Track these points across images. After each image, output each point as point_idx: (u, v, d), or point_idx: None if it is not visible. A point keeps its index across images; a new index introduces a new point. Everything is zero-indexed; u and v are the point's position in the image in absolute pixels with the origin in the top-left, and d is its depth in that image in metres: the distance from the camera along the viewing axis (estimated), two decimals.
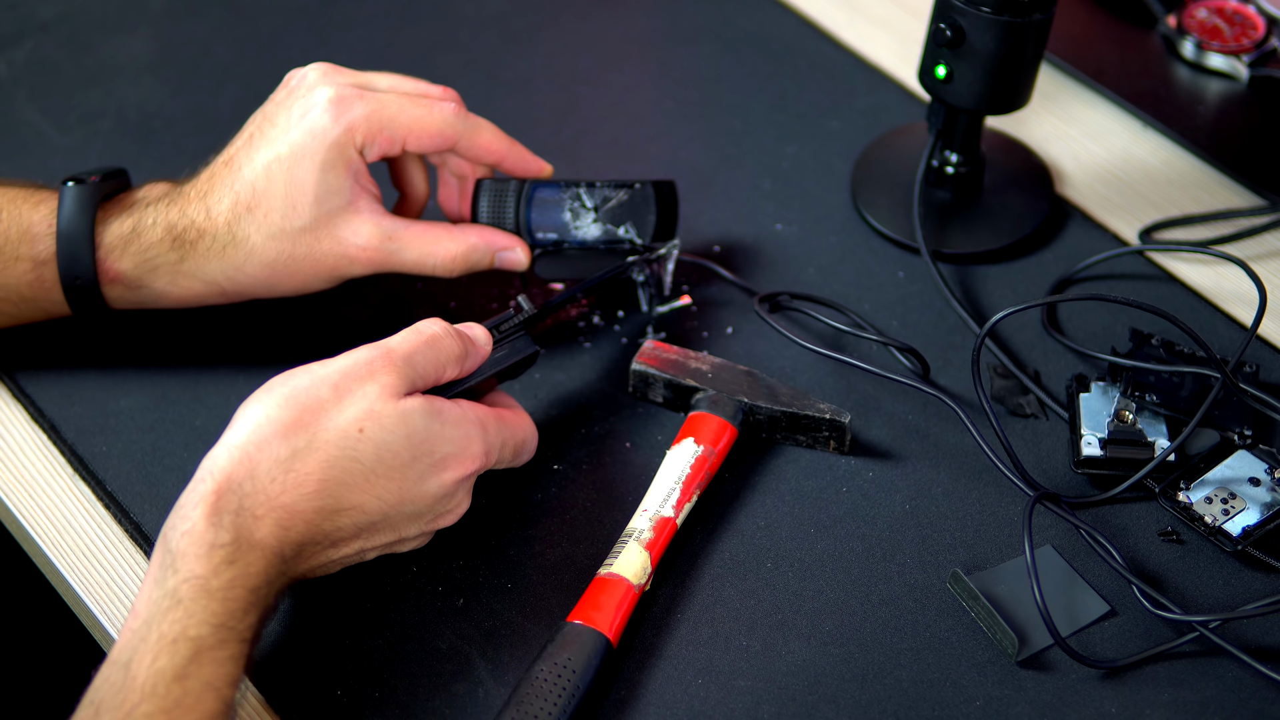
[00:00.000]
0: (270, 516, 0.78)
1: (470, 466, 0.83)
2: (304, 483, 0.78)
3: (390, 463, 0.80)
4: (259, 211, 0.91)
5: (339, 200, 0.91)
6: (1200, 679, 0.82)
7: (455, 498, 0.84)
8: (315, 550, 0.80)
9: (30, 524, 0.91)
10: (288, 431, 0.79)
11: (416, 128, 0.92)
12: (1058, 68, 1.14)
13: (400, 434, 0.80)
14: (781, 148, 1.10)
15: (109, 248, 0.91)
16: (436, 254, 0.94)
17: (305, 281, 0.93)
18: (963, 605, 0.85)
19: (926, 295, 1.00)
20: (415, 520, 0.83)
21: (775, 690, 0.82)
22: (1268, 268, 1.03)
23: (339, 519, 0.80)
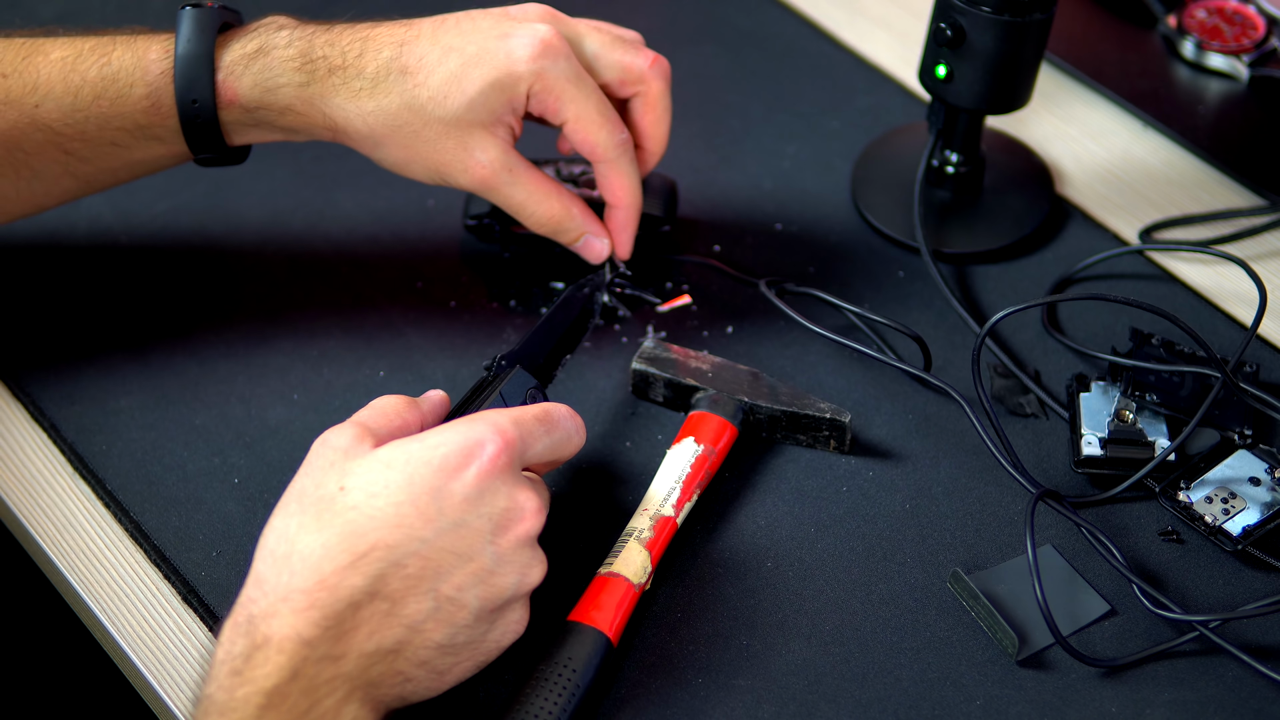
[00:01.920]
0: (282, 607, 0.72)
1: (495, 458, 0.76)
2: (309, 553, 0.73)
3: (396, 496, 0.74)
4: (411, 79, 0.89)
5: (485, 116, 0.90)
6: (1200, 678, 0.82)
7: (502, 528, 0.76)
8: (355, 627, 0.72)
9: (30, 524, 0.91)
10: (283, 522, 0.75)
11: (580, 124, 0.92)
12: (1058, 68, 1.14)
13: (387, 475, 0.75)
14: (781, 148, 1.10)
15: (229, 68, 0.90)
16: (540, 206, 0.93)
17: (411, 159, 0.92)
18: (963, 605, 0.85)
19: (926, 295, 1.00)
20: (465, 562, 0.75)
21: (775, 690, 0.82)
22: (1268, 268, 1.03)
23: (363, 567, 0.73)
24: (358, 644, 0.72)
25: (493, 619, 0.77)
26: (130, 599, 0.87)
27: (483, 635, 0.77)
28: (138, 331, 0.99)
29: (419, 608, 0.74)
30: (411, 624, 0.74)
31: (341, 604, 0.72)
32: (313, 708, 0.71)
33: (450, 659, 0.76)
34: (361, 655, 0.72)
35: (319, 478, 0.76)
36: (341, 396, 0.95)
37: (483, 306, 1.00)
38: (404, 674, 0.74)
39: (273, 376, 0.97)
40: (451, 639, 0.75)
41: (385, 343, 0.98)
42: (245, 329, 0.99)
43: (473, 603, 0.75)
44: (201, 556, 0.88)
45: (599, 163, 0.94)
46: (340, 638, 0.72)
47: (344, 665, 0.72)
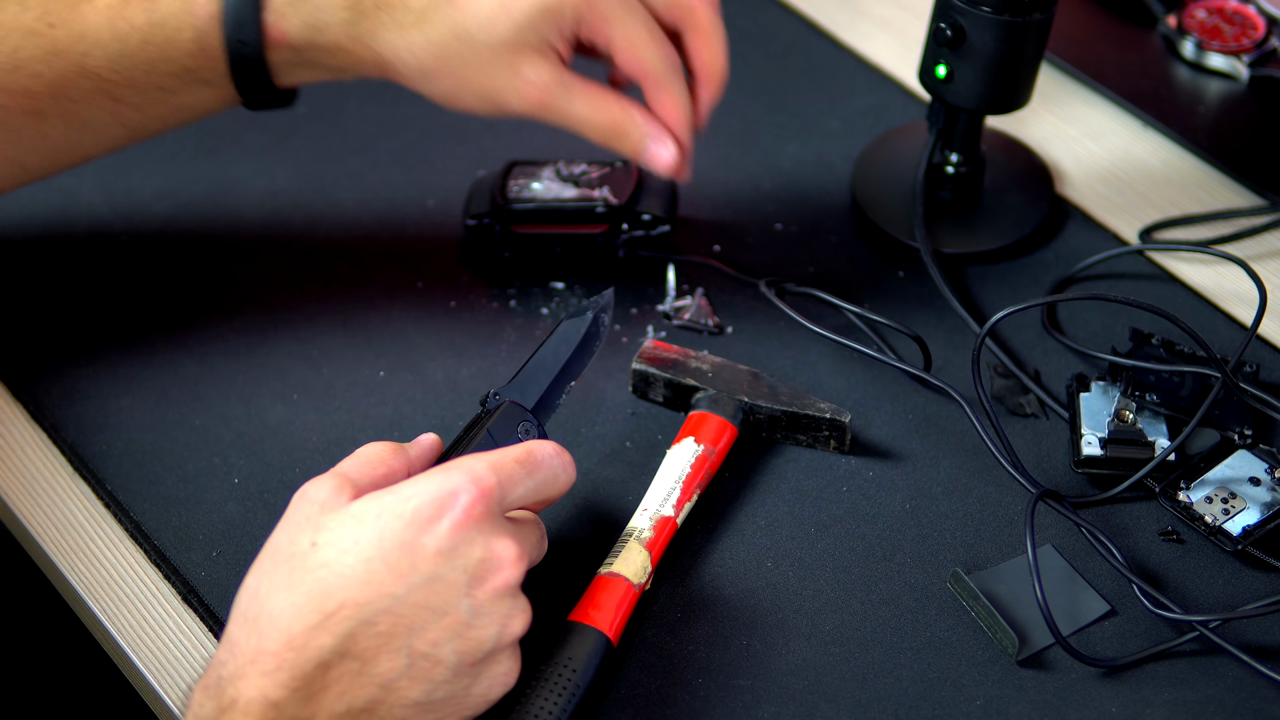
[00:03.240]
0: (250, 669, 0.71)
1: (469, 509, 0.74)
2: (277, 613, 0.72)
3: (366, 553, 0.73)
4: (458, 9, 0.89)
5: (534, 40, 0.89)
6: (1200, 678, 0.82)
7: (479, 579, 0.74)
8: (325, 687, 0.71)
9: (30, 524, 0.91)
10: (255, 580, 0.74)
11: (628, 45, 0.91)
12: (1058, 68, 1.14)
13: (358, 530, 0.73)
14: (781, 148, 1.10)
15: (277, 9, 0.89)
16: (602, 113, 0.92)
17: (462, 88, 0.91)
18: (963, 605, 0.85)
19: (926, 295, 1.00)
20: (439, 617, 0.73)
21: (775, 690, 0.82)
22: (1268, 268, 1.03)
23: (332, 626, 0.71)
24: (327, 704, 0.71)
25: (475, 672, 0.74)
26: (130, 599, 0.87)
27: (465, 689, 0.74)
28: (138, 331, 0.99)
29: (391, 665, 0.72)
30: (384, 683, 0.72)
31: (310, 664, 0.71)
32: None
33: (431, 716, 0.74)
34: (332, 716, 0.71)
35: (293, 533, 0.74)
36: (341, 397, 0.95)
37: (483, 306, 1.00)
38: None
39: (273, 376, 0.97)
40: (429, 695, 0.73)
41: (385, 343, 0.98)
42: (245, 329, 0.99)
43: (449, 658, 0.73)
44: (201, 556, 0.88)
45: (650, 84, 0.92)
46: (309, 699, 0.71)
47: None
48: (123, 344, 0.98)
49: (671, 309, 0.99)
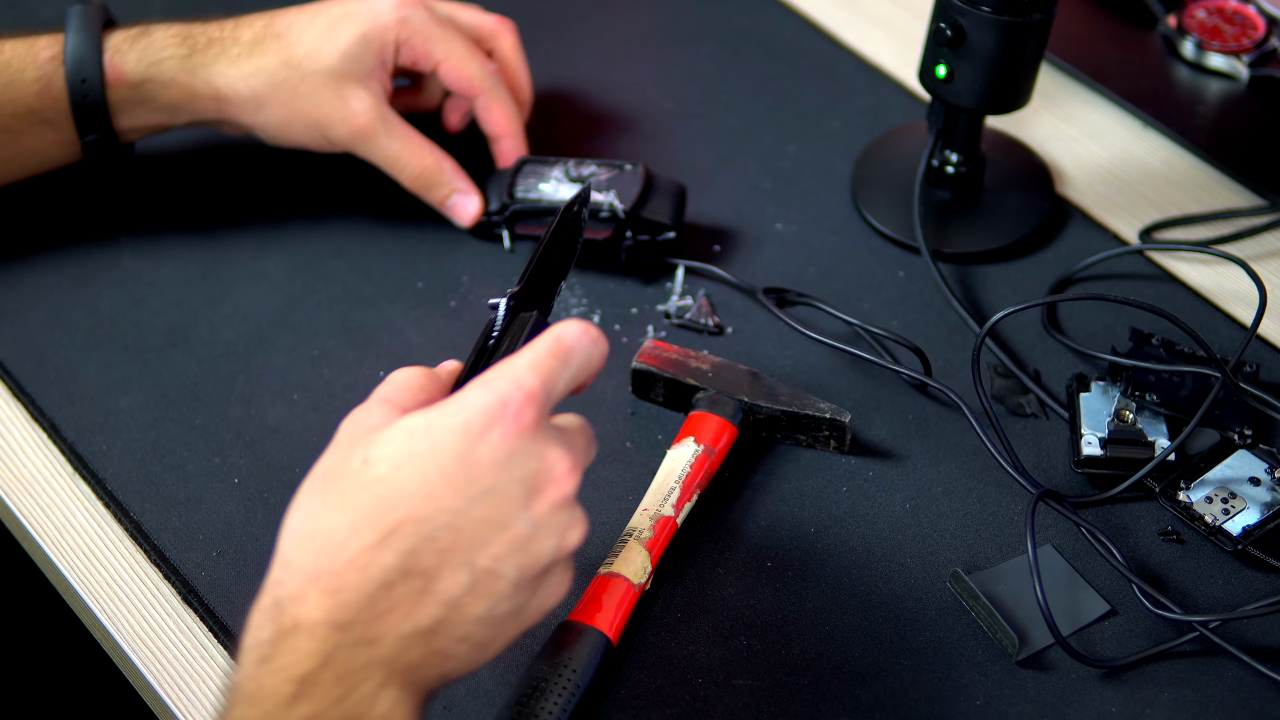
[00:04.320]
0: (311, 589, 0.68)
1: (520, 416, 0.71)
2: (335, 531, 0.69)
3: (422, 467, 0.70)
4: (286, 40, 0.97)
5: (358, 69, 0.97)
6: (1200, 678, 0.82)
7: (536, 491, 0.71)
8: (390, 608, 0.68)
9: (30, 524, 0.91)
10: (308, 501, 0.72)
11: (451, 62, 1.00)
12: (1058, 68, 1.14)
13: (412, 445, 0.71)
14: (781, 148, 1.10)
15: (115, 48, 0.96)
16: (414, 157, 1.00)
17: (292, 117, 0.98)
18: (963, 605, 0.85)
19: (926, 295, 1.00)
20: (499, 531, 0.70)
21: (775, 690, 0.82)
22: (1268, 268, 1.03)
23: (393, 543, 0.69)
24: (393, 626, 0.68)
25: (534, 586, 0.72)
26: (130, 599, 0.87)
27: (524, 604, 0.72)
28: (138, 331, 0.99)
29: (455, 582, 0.69)
30: (448, 600, 0.69)
31: (373, 584, 0.68)
32: (347, 695, 0.67)
33: (492, 631, 0.71)
34: (398, 638, 0.68)
35: (344, 453, 0.72)
36: (341, 396, 0.95)
37: (483, 306, 1.00)
38: (444, 652, 0.70)
39: (273, 376, 0.97)
40: (491, 611, 0.70)
41: (385, 343, 0.98)
42: (245, 329, 0.99)
43: (511, 572, 0.70)
44: (201, 556, 0.88)
45: (477, 95, 1.01)
46: (374, 620, 0.68)
47: (379, 649, 0.68)
48: (123, 344, 0.98)
49: (674, 309, 0.99)
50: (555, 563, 0.72)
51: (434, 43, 0.99)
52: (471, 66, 1.00)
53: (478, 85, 1.01)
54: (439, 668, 0.70)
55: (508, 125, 1.03)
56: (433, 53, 0.99)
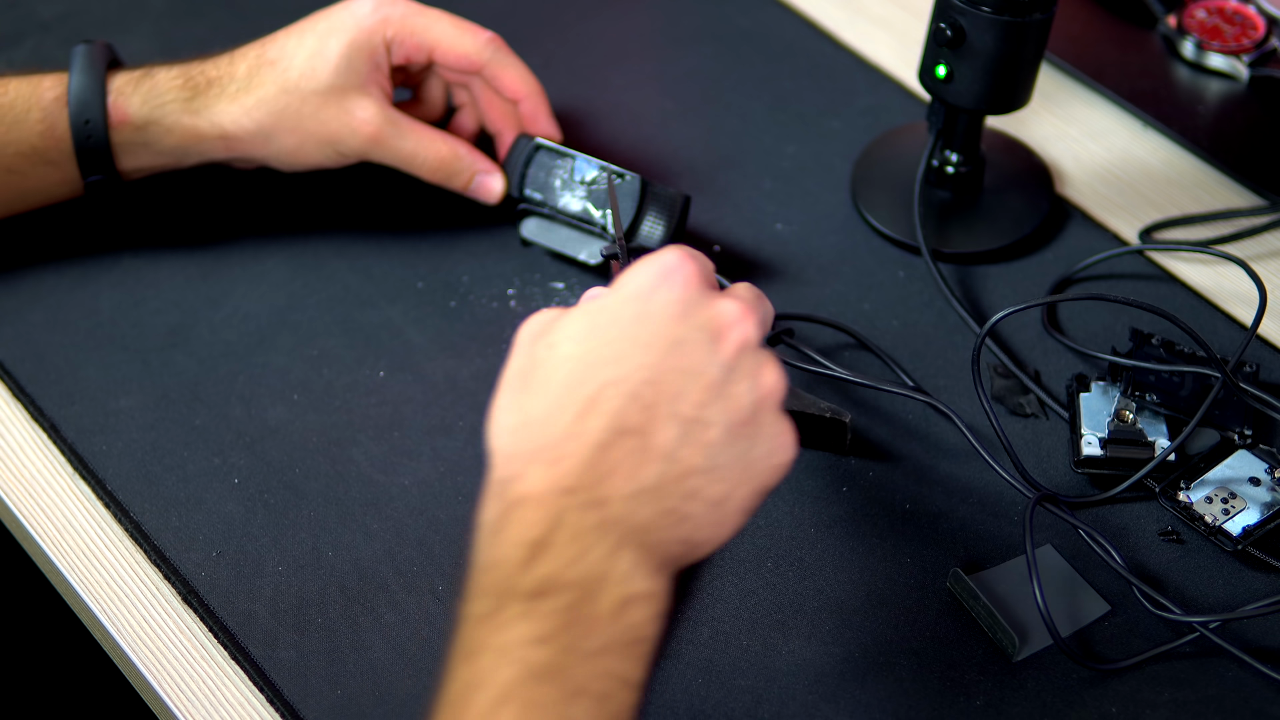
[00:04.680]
0: (531, 467, 0.69)
1: (687, 272, 0.72)
2: (542, 414, 0.70)
3: (606, 335, 0.71)
4: (279, 66, 0.97)
5: (355, 79, 0.97)
6: (1200, 679, 0.82)
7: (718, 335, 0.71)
8: (611, 470, 0.68)
9: (30, 524, 0.91)
10: (508, 399, 0.72)
11: (445, 42, 0.99)
12: (1058, 68, 1.14)
13: (590, 319, 0.72)
14: (781, 148, 1.10)
15: (119, 90, 0.97)
16: (430, 150, 0.99)
17: (303, 140, 0.98)
18: (963, 605, 0.85)
19: (926, 295, 1.00)
20: (695, 378, 0.70)
21: (775, 690, 0.82)
22: (1268, 268, 1.03)
23: (600, 408, 0.69)
24: (618, 487, 0.68)
25: (747, 434, 0.71)
26: (130, 599, 0.87)
27: (745, 454, 0.71)
28: (138, 331, 0.99)
29: (667, 435, 0.69)
30: (665, 454, 0.69)
31: (590, 449, 0.68)
32: (582, 555, 0.67)
33: (720, 485, 0.70)
34: (624, 498, 0.68)
35: (525, 352, 0.73)
36: (341, 396, 0.95)
37: (483, 306, 1.00)
38: (677, 512, 0.69)
39: (273, 376, 0.97)
40: (712, 462, 0.70)
41: (385, 343, 0.98)
42: (245, 329, 0.99)
43: (717, 418, 0.70)
44: (201, 557, 0.88)
45: (481, 69, 1.00)
46: (598, 482, 0.68)
47: (608, 510, 0.68)
48: (123, 344, 0.98)
49: None
50: (759, 409, 0.71)
51: (421, 31, 0.99)
52: (465, 41, 1.00)
53: (477, 58, 1.00)
54: (676, 530, 0.69)
55: (523, 86, 1.01)
56: (423, 41, 0.99)
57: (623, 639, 0.67)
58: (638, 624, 0.67)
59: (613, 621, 0.66)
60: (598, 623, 0.66)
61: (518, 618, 0.66)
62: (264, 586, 0.87)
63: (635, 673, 0.67)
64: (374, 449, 0.93)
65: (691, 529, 0.69)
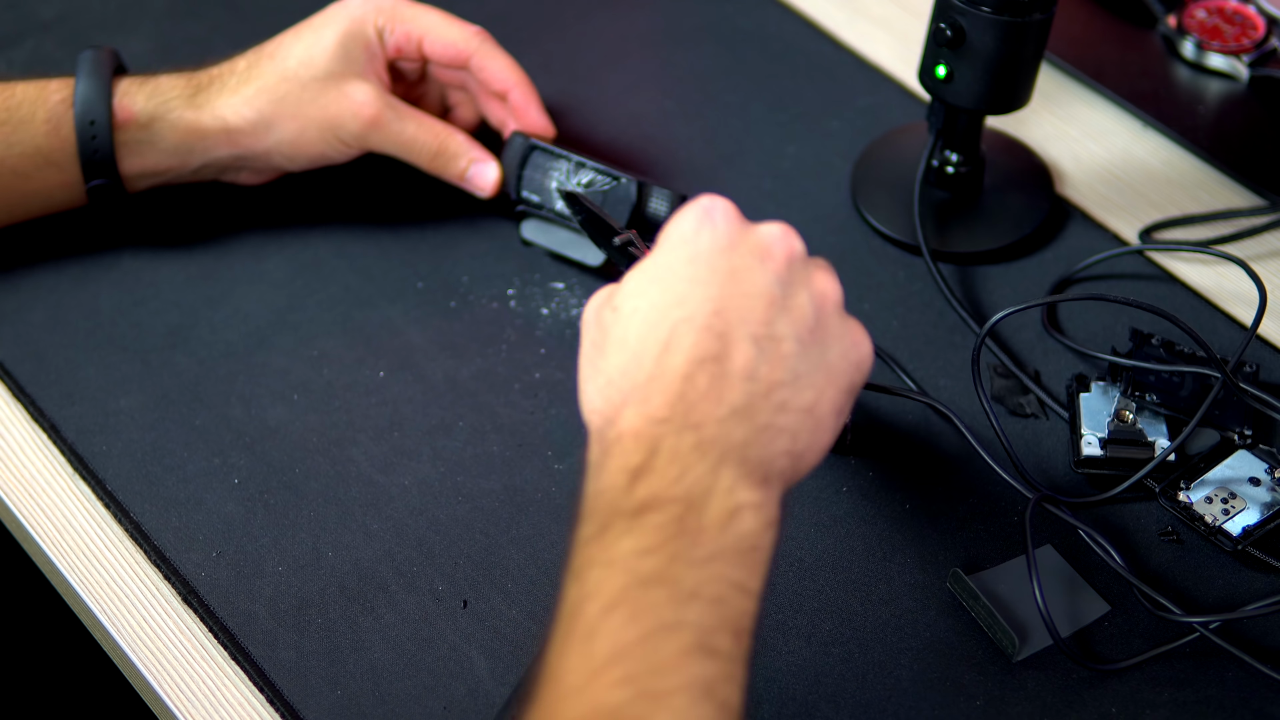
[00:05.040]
0: (624, 410, 0.71)
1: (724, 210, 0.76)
2: (622, 367, 0.72)
3: (664, 282, 0.74)
4: (277, 58, 0.99)
5: (352, 68, 0.99)
6: (1200, 679, 0.82)
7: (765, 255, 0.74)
8: (700, 396, 0.70)
9: (30, 524, 0.91)
10: (590, 366, 0.75)
11: (434, 33, 1.01)
12: (1058, 68, 1.14)
13: (645, 275, 0.75)
14: (781, 148, 1.10)
15: (124, 91, 0.98)
16: (428, 135, 1.01)
17: (304, 126, 0.99)
18: (963, 605, 0.85)
19: (926, 295, 1.00)
20: (757, 298, 0.73)
21: (775, 690, 0.82)
22: (1268, 268, 1.03)
23: (674, 345, 0.71)
24: (710, 411, 0.70)
25: (821, 340, 0.74)
26: (130, 599, 0.87)
27: (821, 358, 0.73)
28: (138, 331, 0.99)
29: (745, 355, 0.71)
30: (747, 374, 0.71)
31: (675, 381, 0.71)
32: (684, 474, 0.69)
33: (808, 392, 0.72)
34: (718, 420, 0.70)
35: (595, 321, 0.76)
36: (341, 396, 0.95)
37: (483, 306, 1.00)
38: (772, 427, 0.71)
39: (273, 376, 0.97)
40: (794, 374, 0.72)
41: (385, 343, 0.98)
42: (245, 329, 0.99)
43: (787, 330, 0.73)
44: (201, 557, 0.88)
45: (468, 59, 1.01)
46: (690, 409, 0.70)
47: (704, 432, 0.70)
48: (123, 344, 0.98)
49: None
50: (823, 313, 0.74)
51: (409, 20, 1.00)
52: (452, 32, 1.01)
53: (463, 48, 1.01)
54: (775, 444, 0.71)
55: (510, 75, 1.02)
56: (411, 30, 1.00)
57: (734, 547, 0.68)
58: (748, 533, 0.69)
59: (722, 531, 0.68)
60: (706, 533, 0.68)
61: (624, 533, 0.67)
62: (264, 586, 0.87)
63: (751, 580, 0.69)
64: (374, 449, 0.93)
65: (790, 440, 0.72)
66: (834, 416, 0.74)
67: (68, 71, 0.98)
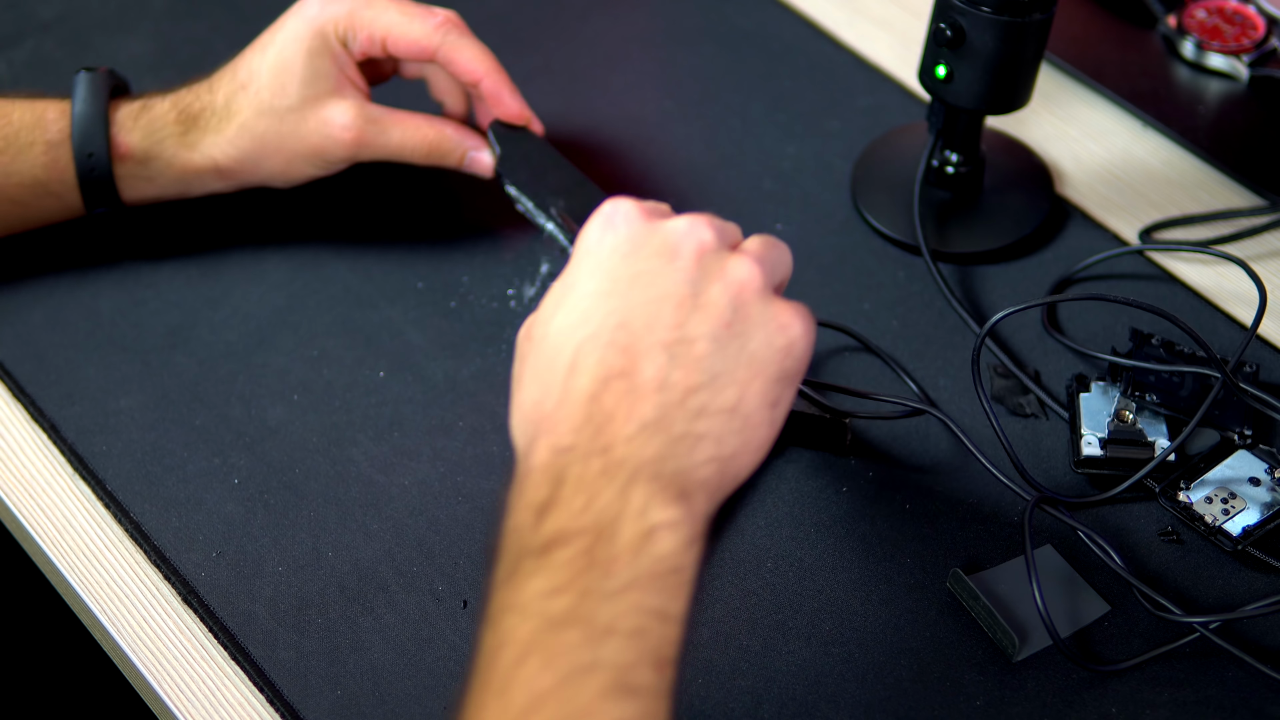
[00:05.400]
0: (536, 443, 0.70)
1: (625, 211, 0.74)
2: (535, 396, 0.71)
3: (568, 300, 0.72)
4: (251, 89, 0.97)
5: (325, 85, 0.96)
6: (1200, 679, 0.82)
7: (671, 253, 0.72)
8: (609, 417, 0.69)
9: (30, 524, 0.91)
10: (514, 397, 0.74)
11: (395, 31, 0.97)
12: (1058, 68, 1.14)
13: (556, 294, 0.73)
14: (781, 148, 1.10)
15: (121, 123, 0.96)
16: (417, 137, 0.98)
17: (291, 159, 0.98)
18: (963, 605, 0.85)
19: (927, 295, 1.00)
20: (664, 301, 0.71)
21: (775, 690, 0.82)
22: (1268, 268, 1.03)
23: (579, 367, 0.70)
24: (618, 430, 0.68)
25: (740, 332, 0.71)
26: (130, 599, 0.87)
27: (741, 351, 0.71)
28: (138, 332, 0.99)
29: (655, 366, 0.69)
30: (659, 384, 0.69)
31: (580, 403, 0.69)
32: (591, 501, 0.67)
33: (728, 390, 0.70)
34: (627, 439, 0.68)
35: (520, 348, 0.74)
36: (341, 396, 0.95)
37: (483, 306, 1.00)
38: (690, 435, 0.69)
39: (273, 376, 0.97)
40: (710, 374, 0.70)
41: (385, 343, 0.98)
42: (245, 329, 0.99)
43: (700, 329, 0.70)
44: (201, 557, 0.88)
45: (434, 53, 0.98)
46: (598, 432, 0.68)
47: (612, 455, 0.68)
48: (123, 344, 0.98)
49: None
50: (740, 303, 0.71)
51: (369, 23, 0.97)
52: (415, 28, 0.97)
53: (428, 43, 0.97)
54: (696, 452, 0.69)
55: (479, 66, 0.99)
56: (373, 32, 0.97)
57: (651, 571, 0.66)
58: (666, 554, 0.67)
59: (635, 557, 0.66)
60: (618, 561, 0.66)
61: (532, 574, 0.66)
62: (264, 586, 0.87)
63: (673, 605, 0.66)
64: (374, 449, 0.93)
65: (714, 446, 0.69)
66: (767, 409, 0.71)
67: (68, 74, 0.98)
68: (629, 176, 1.07)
